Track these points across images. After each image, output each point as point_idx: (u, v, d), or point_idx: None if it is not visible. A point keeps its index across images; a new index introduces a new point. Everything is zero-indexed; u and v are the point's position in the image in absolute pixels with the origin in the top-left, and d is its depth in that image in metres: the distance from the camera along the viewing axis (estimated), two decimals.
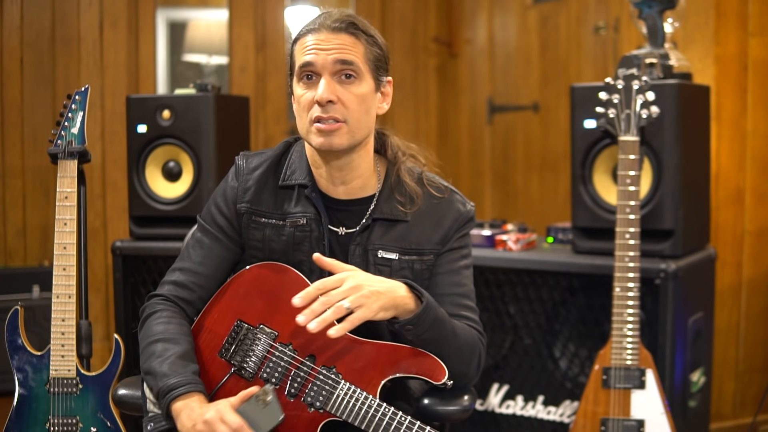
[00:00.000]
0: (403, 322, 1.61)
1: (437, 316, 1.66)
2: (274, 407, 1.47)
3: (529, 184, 4.42)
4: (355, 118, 1.67)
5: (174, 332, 1.68)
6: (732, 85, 3.18)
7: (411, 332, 1.63)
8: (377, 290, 1.58)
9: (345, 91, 1.66)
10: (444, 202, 1.79)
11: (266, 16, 4.51)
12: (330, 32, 1.66)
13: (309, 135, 1.68)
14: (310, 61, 1.65)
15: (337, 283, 1.57)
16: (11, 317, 2.29)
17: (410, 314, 1.62)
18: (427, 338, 1.64)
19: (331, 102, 1.64)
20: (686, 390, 2.54)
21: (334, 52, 1.65)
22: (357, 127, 1.68)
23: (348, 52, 1.66)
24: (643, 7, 2.67)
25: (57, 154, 2.31)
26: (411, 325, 1.62)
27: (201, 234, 1.80)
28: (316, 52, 1.65)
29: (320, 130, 1.66)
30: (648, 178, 2.50)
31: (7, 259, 3.88)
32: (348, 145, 1.68)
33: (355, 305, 1.55)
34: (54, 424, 2.25)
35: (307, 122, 1.67)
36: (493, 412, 2.79)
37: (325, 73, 1.65)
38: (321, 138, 1.66)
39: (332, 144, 1.66)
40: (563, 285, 2.68)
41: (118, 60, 4.07)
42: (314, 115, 1.66)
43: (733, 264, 3.22)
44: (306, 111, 1.67)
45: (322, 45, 1.65)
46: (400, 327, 1.62)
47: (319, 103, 1.64)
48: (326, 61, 1.65)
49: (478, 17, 4.74)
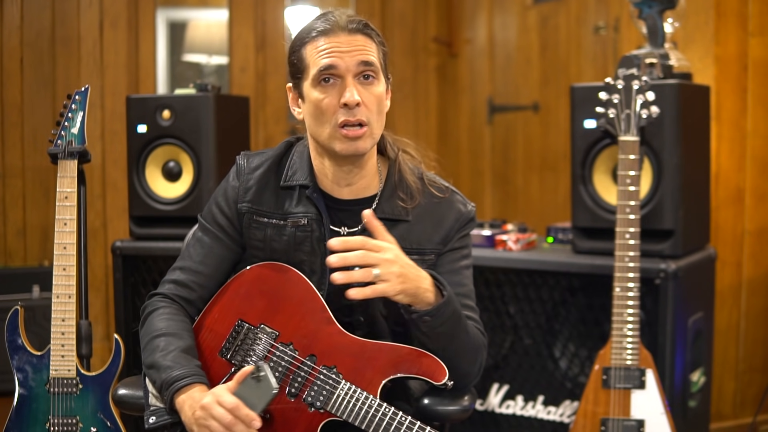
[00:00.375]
0: (422, 312, 1.61)
1: (455, 311, 1.66)
2: (267, 382, 1.46)
3: (529, 184, 4.42)
4: (375, 119, 1.67)
5: (177, 328, 1.69)
6: (732, 85, 3.18)
7: (427, 324, 1.62)
8: (406, 273, 1.58)
9: (366, 92, 1.66)
10: (445, 202, 1.79)
11: (266, 16, 4.51)
12: (347, 34, 1.65)
13: (333, 140, 1.66)
14: (331, 64, 1.64)
15: (376, 248, 1.57)
16: (11, 317, 2.29)
17: (427, 306, 1.62)
18: (441, 332, 1.64)
19: (358, 105, 1.64)
20: (686, 390, 2.54)
21: (356, 54, 1.64)
22: (377, 129, 1.69)
23: (369, 53, 1.65)
24: (643, 7, 2.67)
25: (57, 154, 2.31)
26: (429, 316, 1.62)
27: (202, 233, 1.80)
28: (338, 54, 1.64)
29: (346, 136, 1.64)
30: (648, 178, 2.50)
31: (7, 259, 3.88)
32: (370, 148, 1.69)
33: (383, 278, 1.55)
34: (54, 424, 2.25)
35: (331, 128, 1.65)
36: (493, 412, 2.79)
37: (349, 75, 1.64)
38: (347, 143, 1.65)
39: (358, 148, 1.66)
40: (563, 285, 2.68)
41: (118, 60, 4.07)
42: (340, 119, 1.64)
43: (733, 264, 3.22)
44: (329, 115, 1.65)
45: (342, 47, 1.64)
46: (417, 318, 1.62)
47: (349, 105, 1.63)
48: (350, 63, 1.64)
49: (478, 17, 4.74)
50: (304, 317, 1.68)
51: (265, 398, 1.48)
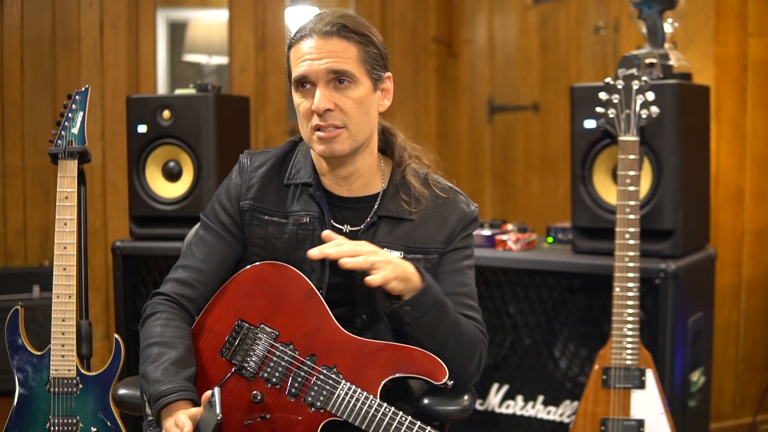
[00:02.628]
0: (402, 303, 1.63)
1: (437, 300, 1.67)
2: (214, 410, 1.48)
3: (529, 184, 4.42)
4: (354, 122, 1.67)
5: (171, 335, 1.69)
6: (732, 85, 3.18)
7: (408, 314, 1.64)
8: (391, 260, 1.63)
9: (342, 96, 1.66)
10: (448, 202, 1.80)
11: (266, 16, 4.51)
12: (321, 38, 1.66)
13: (311, 143, 1.70)
14: (302, 73, 1.66)
15: (365, 246, 1.63)
16: (11, 317, 2.29)
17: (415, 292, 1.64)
18: (424, 323, 1.65)
19: (329, 110, 1.65)
20: (686, 390, 2.55)
21: (325, 62, 1.64)
22: (358, 131, 1.68)
23: (339, 61, 1.65)
24: (643, 7, 2.67)
25: (57, 154, 2.31)
26: (409, 306, 1.63)
27: (204, 231, 1.80)
28: (309, 63, 1.65)
29: (321, 138, 1.67)
30: (648, 178, 2.50)
31: (7, 259, 3.88)
32: (350, 150, 1.69)
33: (377, 266, 1.60)
34: (54, 424, 2.25)
35: (308, 130, 1.69)
36: (493, 412, 2.79)
37: (320, 82, 1.66)
38: (323, 145, 1.68)
39: (334, 150, 1.67)
40: (563, 285, 2.68)
41: (119, 60, 4.07)
42: (314, 123, 1.67)
43: (732, 264, 3.22)
44: (306, 119, 1.69)
45: (313, 54, 1.65)
46: (398, 307, 1.63)
47: (317, 112, 1.65)
48: (319, 71, 1.65)
49: (478, 17, 4.75)
50: (305, 317, 1.68)
51: (210, 425, 1.48)
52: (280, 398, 1.64)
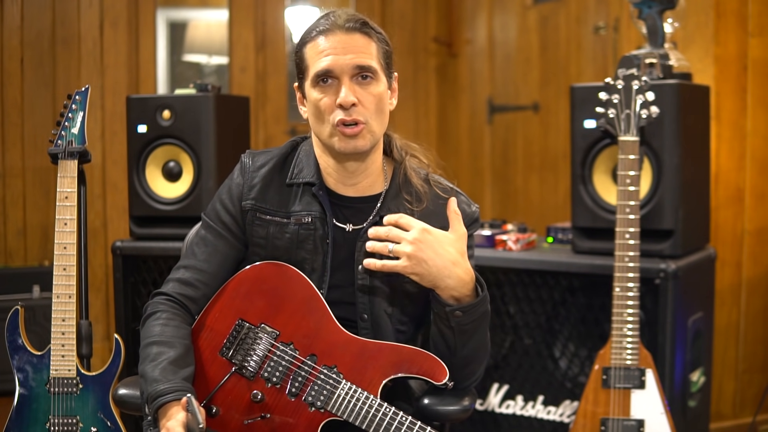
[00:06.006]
0: (456, 307, 1.64)
1: (486, 311, 1.70)
2: (196, 417, 1.48)
3: (528, 184, 4.42)
4: (374, 118, 1.68)
5: (170, 335, 1.69)
6: (732, 85, 3.18)
7: (458, 319, 1.65)
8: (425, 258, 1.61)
9: (364, 92, 1.67)
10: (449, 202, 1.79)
11: (266, 16, 4.51)
12: (344, 33, 1.66)
13: (332, 139, 1.69)
14: (327, 67, 1.65)
15: (406, 227, 1.63)
16: (11, 317, 2.29)
17: (451, 300, 1.64)
18: (468, 329, 1.67)
19: (353, 105, 1.65)
20: (686, 390, 2.55)
21: (352, 57, 1.65)
22: (377, 127, 1.70)
23: (364, 56, 1.66)
24: (643, 7, 2.67)
25: (57, 154, 2.31)
26: (462, 311, 1.64)
27: (205, 231, 1.80)
28: (333, 57, 1.65)
29: (345, 134, 1.66)
30: (648, 178, 2.51)
31: (7, 259, 3.88)
32: (370, 146, 1.70)
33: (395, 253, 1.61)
34: (54, 423, 2.25)
35: (330, 126, 1.67)
36: (493, 412, 2.79)
37: (344, 77, 1.66)
38: (345, 142, 1.67)
39: (357, 147, 1.67)
40: (563, 285, 2.68)
41: (118, 60, 4.07)
42: (337, 118, 1.66)
43: (732, 264, 3.22)
44: (327, 115, 1.67)
45: (338, 49, 1.65)
46: (450, 311, 1.64)
47: (343, 106, 1.64)
48: (345, 66, 1.65)
49: (478, 17, 4.75)
50: (305, 316, 1.68)
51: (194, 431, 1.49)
52: (280, 398, 1.64)
